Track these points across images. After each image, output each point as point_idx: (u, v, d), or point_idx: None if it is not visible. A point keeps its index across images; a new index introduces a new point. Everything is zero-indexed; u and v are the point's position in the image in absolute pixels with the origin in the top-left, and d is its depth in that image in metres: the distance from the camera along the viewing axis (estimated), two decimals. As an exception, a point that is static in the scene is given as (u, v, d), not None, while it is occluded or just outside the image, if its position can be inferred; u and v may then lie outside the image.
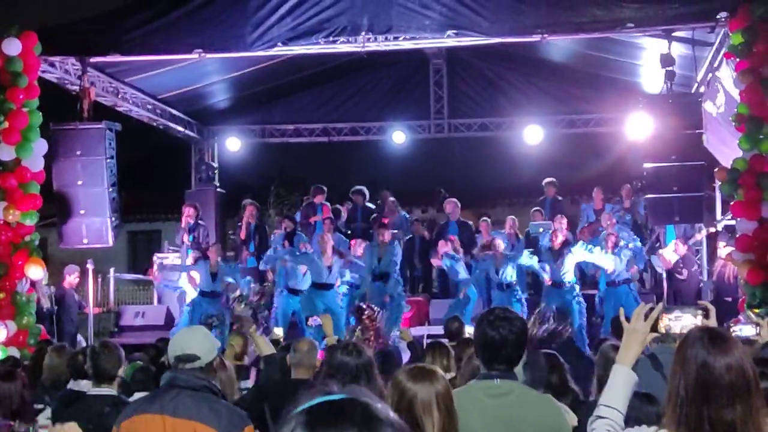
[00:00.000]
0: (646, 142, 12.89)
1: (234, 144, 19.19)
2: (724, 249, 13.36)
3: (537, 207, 17.03)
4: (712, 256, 14.82)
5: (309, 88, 18.95)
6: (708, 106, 13.09)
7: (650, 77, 15.42)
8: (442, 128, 18.99)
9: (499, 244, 14.60)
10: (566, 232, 15.10)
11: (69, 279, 14.44)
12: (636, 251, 14.39)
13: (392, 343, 13.02)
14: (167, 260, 16.41)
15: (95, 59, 13.54)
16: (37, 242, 12.45)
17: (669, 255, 14.56)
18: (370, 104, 19.05)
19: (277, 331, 13.47)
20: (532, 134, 18.06)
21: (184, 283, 15.21)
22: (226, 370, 6.67)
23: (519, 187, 23.28)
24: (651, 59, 14.03)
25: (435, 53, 17.74)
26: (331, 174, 19.89)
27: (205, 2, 12.97)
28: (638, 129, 13.54)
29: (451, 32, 12.78)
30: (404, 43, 13.46)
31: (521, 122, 18.20)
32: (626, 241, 14.49)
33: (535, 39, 12.78)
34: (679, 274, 14.48)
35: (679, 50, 13.07)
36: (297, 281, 14.76)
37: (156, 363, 8.24)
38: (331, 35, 12.83)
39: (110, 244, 13.45)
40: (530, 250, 15.09)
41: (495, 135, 19.21)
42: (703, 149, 12.72)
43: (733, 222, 12.54)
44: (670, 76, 12.76)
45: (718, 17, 11.73)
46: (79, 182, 13.18)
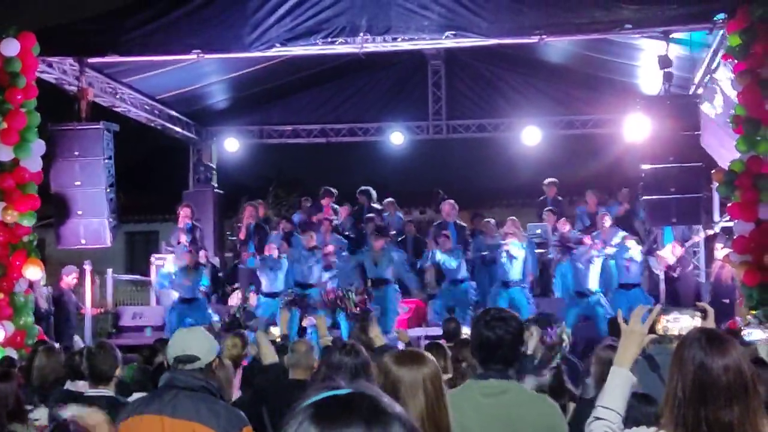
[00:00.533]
0: (643, 143, 12.89)
1: (232, 145, 19.17)
2: (721, 250, 13.37)
3: (549, 207, 16.97)
4: (710, 258, 14.83)
5: (307, 89, 18.93)
6: (706, 107, 13.11)
7: (648, 79, 15.42)
8: (441, 129, 18.98)
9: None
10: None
11: (67, 280, 14.43)
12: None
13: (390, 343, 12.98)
14: (164, 262, 16.38)
15: (93, 60, 13.53)
16: (35, 243, 12.45)
17: (666, 256, 14.56)
18: (369, 105, 19.04)
19: (274, 331, 13.44)
20: (530, 135, 18.05)
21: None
22: (225, 370, 6.66)
23: (517, 188, 23.25)
24: (649, 60, 14.03)
25: (433, 54, 17.72)
26: (329, 175, 19.83)
27: (204, 3, 12.97)
28: (636, 130, 13.54)
29: (449, 33, 12.78)
30: (403, 44, 13.44)
31: (519, 123, 18.19)
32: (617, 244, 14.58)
33: (534, 40, 12.80)
34: (673, 272, 14.47)
35: (676, 51, 13.07)
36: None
37: (151, 363, 8.24)
38: (330, 36, 12.82)
39: (108, 244, 13.44)
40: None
41: (493, 136, 19.20)
42: (700, 151, 12.73)
43: (730, 223, 12.55)
44: (668, 78, 12.77)
45: (716, 19, 11.74)
46: (77, 183, 13.17)
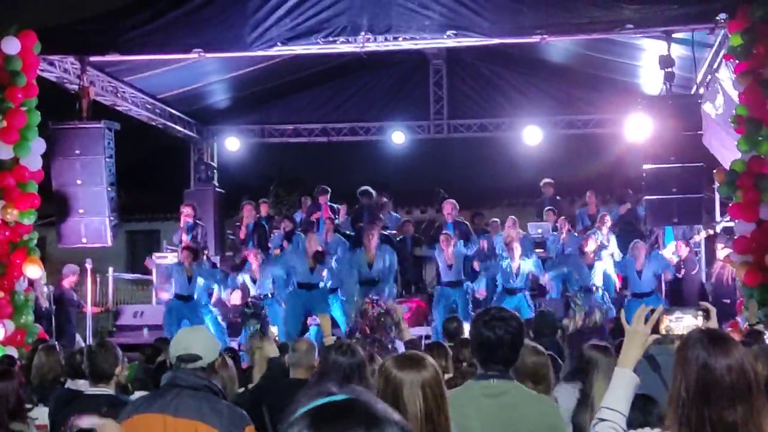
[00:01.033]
0: (645, 143, 12.88)
1: (233, 144, 19.18)
2: (722, 251, 13.36)
3: (549, 207, 16.95)
4: (711, 258, 14.82)
5: (308, 88, 18.92)
6: (707, 107, 13.09)
7: (650, 78, 15.41)
8: (442, 129, 18.98)
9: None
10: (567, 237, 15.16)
11: (68, 278, 14.42)
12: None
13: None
14: (165, 260, 16.35)
15: (94, 58, 13.53)
16: (36, 241, 12.44)
17: (668, 256, 14.55)
18: (370, 104, 19.04)
19: (273, 329, 13.45)
20: (531, 135, 18.05)
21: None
22: (228, 368, 6.66)
23: (518, 188, 23.24)
24: (650, 60, 14.02)
25: (435, 53, 17.72)
26: (330, 174, 19.81)
27: (205, 2, 12.95)
28: (637, 130, 13.52)
29: (450, 33, 12.76)
30: (404, 44, 13.43)
31: (520, 123, 18.19)
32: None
33: (535, 40, 12.78)
34: (677, 273, 14.45)
35: (678, 51, 13.06)
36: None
37: (153, 362, 8.22)
38: (331, 35, 12.81)
39: (109, 243, 13.44)
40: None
41: (494, 135, 19.20)
42: (702, 151, 12.72)
43: (731, 224, 12.54)
44: (669, 78, 12.75)
45: (717, 18, 11.72)
46: (78, 181, 13.17)
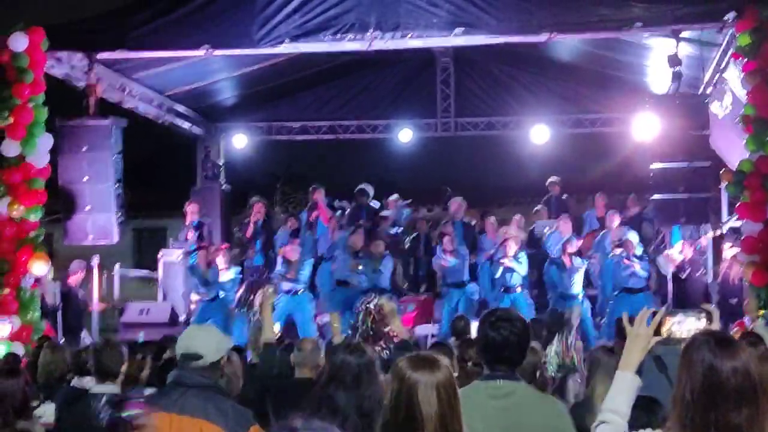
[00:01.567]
0: (652, 142, 12.83)
1: (240, 141, 19.19)
2: (729, 250, 13.31)
3: (541, 205, 16.92)
4: (718, 258, 14.78)
5: (316, 86, 18.92)
6: (715, 106, 13.05)
7: (657, 77, 15.37)
8: (449, 127, 18.98)
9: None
10: (571, 235, 15.12)
11: (74, 275, 14.43)
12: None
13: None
14: (172, 257, 16.37)
15: (102, 55, 13.50)
16: (42, 238, 12.44)
17: (675, 256, 14.51)
18: (377, 102, 19.03)
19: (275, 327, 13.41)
20: (538, 133, 18.05)
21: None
22: (232, 365, 6.65)
23: (526, 187, 23.23)
24: (658, 59, 13.97)
25: (442, 51, 17.73)
26: (337, 172, 19.87)
27: (212, -1, 12.97)
28: (645, 129, 13.48)
29: (458, 31, 12.72)
30: (412, 41, 13.39)
31: (528, 121, 18.19)
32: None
33: (543, 38, 12.74)
34: (682, 273, 14.41)
35: (686, 51, 13.02)
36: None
37: (159, 359, 8.23)
38: (339, 33, 12.78)
39: (115, 240, 13.43)
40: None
41: (501, 134, 19.20)
42: (709, 150, 12.68)
43: (738, 223, 12.50)
44: (677, 77, 12.71)
45: (725, 18, 11.68)
46: (85, 178, 13.16)
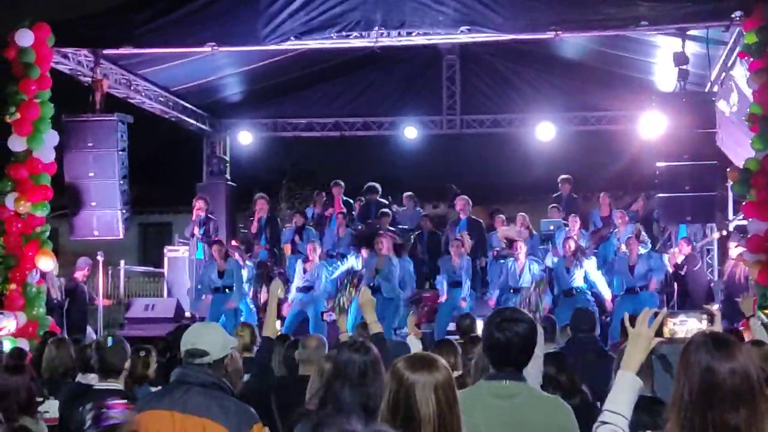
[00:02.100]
0: (658, 140, 12.83)
1: (246, 137, 19.21)
2: (735, 249, 13.30)
3: (554, 204, 16.87)
4: (723, 256, 14.76)
5: (321, 83, 18.91)
6: (721, 105, 13.03)
7: (664, 75, 15.33)
8: (455, 124, 18.97)
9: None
10: (578, 236, 15.08)
11: (80, 271, 14.46)
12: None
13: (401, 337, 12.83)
14: (177, 253, 16.40)
15: (108, 51, 13.55)
16: (48, 233, 12.48)
17: (675, 256, 14.49)
18: (383, 99, 19.02)
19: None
20: (544, 131, 18.01)
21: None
22: (233, 361, 6.66)
23: (531, 184, 23.23)
24: (665, 57, 13.95)
25: (448, 49, 17.73)
26: (342, 169, 19.86)
27: (219, -4, 12.97)
28: (651, 127, 13.48)
29: (464, 28, 12.71)
30: (417, 39, 13.41)
31: (533, 119, 18.16)
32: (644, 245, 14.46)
33: (549, 36, 12.74)
34: (680, 271, 14.39)
35: (693, 49, 13.00)
36: None
37: (164, 356, 8.24)
38: (344, 30, 12.80)
39: (121, 236, 13.49)
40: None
41: (507, 131, 19.16)
42: (716, 148, 12.66)
43: (744, 222, 12.49)
44: (683, 75, 12.71)
45: (732, 16, 11.66)
46: (91, 174, 13.22)
